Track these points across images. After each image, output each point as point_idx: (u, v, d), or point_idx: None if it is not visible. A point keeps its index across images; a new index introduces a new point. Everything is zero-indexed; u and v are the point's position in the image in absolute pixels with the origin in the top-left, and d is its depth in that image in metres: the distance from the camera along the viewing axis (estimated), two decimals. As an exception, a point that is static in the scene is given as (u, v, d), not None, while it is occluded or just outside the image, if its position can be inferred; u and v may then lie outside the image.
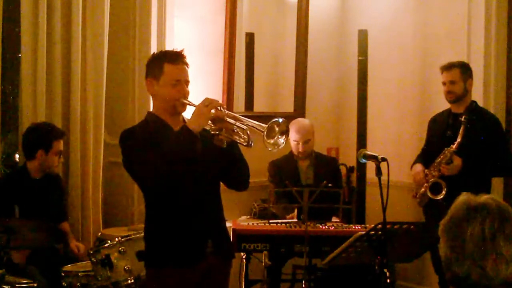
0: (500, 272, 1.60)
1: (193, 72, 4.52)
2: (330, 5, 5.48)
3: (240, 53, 4.86)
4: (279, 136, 2.46)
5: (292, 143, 4.33)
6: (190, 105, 2.63)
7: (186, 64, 2.68)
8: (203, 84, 4.55)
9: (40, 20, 3.77)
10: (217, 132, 2.56)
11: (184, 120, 2.70)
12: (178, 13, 4.37)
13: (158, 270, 2.63)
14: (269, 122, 2.42)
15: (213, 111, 2.49)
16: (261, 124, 2.44)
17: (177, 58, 2.66)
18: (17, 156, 4.14)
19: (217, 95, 4.66)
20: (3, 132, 4.02)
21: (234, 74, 4.75)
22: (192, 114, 2.51)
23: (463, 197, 1.71)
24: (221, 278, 2.77)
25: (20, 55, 3.84)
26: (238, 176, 2.76)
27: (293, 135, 4.31)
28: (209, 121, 2.52)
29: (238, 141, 2.57)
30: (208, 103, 2.49)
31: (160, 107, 2.69)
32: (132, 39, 4.25)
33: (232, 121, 2.52)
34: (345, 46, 5.43)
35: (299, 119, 4.58)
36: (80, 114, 4.02)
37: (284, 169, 4.33)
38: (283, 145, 2.47)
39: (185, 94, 2.65)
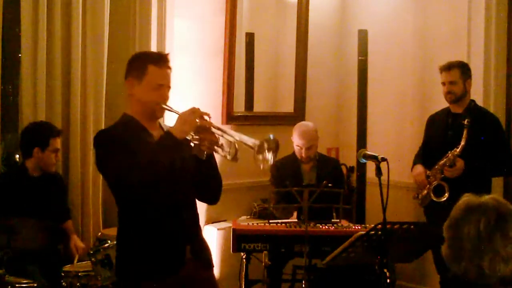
0: (498, 270, 1.61)
1: (193, 72, 4.55)
2: (330, 5, 5.48)
3: (240, 53, 4.86)
4: (267, 152, 2.36)
5: (295, 148, 4.31)
6: (169, 110, 2.56)
7: (170, 68, 2.60)
8: (203, 84, 4.55)
9: (40, 20, 3.77)
10: (198, 142, 2.48)
11: (160, 125, 2.64)
12: (178, 13, 4.37)
13: (134, 282, 2.52)
14: (262, 140, 2.33)
15: (197, 120, 2.41)
16: (254, 140, 2.34)
17: (162, 60, 2.57)
18: (17, 156, 4.14)
19: (217, 95, 4.66)
20: (3, 132, 4.02)
21: (234, 74, 4.75)
22: (177, 121, 2.43)
23: (465, 198, 1.71)
24: (205, 284, 2.67)
25: (20, 55, 3.84)
26: (211, 189, 2.68)
27: (296, 140, 4.28)
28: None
29: (221, 154, 2.48)
30: (194, 111, 2.42)
31: (137, 110, 2.59)
32: (132, 39, 4.25)
33: (218, 132, 2.45)
34: (345, 46, 5.43)
35: (303, 123, 4.49)
36: (80, 114, 4.02)
37: (286, 170, 4.29)
38: (271, 162, 2.37)
39: (166, 99, 2.57)
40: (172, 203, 2.55)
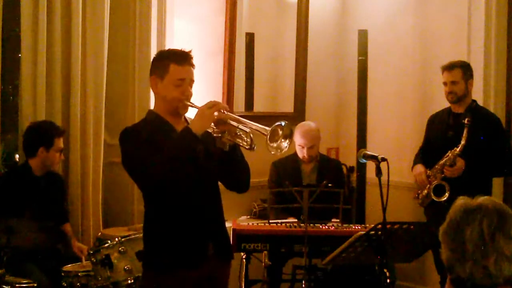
0: (503, 270, 1.61)
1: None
2: (330, 5, 5.48)
3: (240, 53, 4.86)
4: (283, 140, 2.44)
5: (297, 147, 4.31)
6: (192, 107, 2.61)
7: (193, 65, 2.64)
8: (203, 84, 4.54)
9: (40, 20, 3.77)
10: (220, 135, 2.54)
11: (186, 120, 2.68)
12: (178, 13, 4.37)
13: (157, 273, 2.59)
14: (273, 126, 2.40)
15: (216, 113, 2.48)
16: (265, 127, 2.42)
17: (183, 59, 2.62)
18: (17, 156, 4.14)
19: (217, 95, 4.66)
20: (3, 132, 4.02)
21: (234, 74, 4.75)
22: (195, 116, 2.50)
23: (460, 200, 1.72)
24: (221, 281, 2.75)
25: (20, 55, 3.84)
26: (238, 179, 2.73)
27: (297, 139, 4.28)
28: (212, 124, 2.50)
29: (240, 144, 2.54)
30: (211, 105, 2.48)
31: (162, 106, 2.65)
32: (132, 39, 4.25)
33: (235, 123, 2.50)
34: (345, 46, 5.43)
35: (305, 122, 4.52)
36: (80, 114, 4.02)
37: (286, 170, 4.29)
38: (286, 149, 2.45)
39: (188, 96, 2.62)
40: (195, 199, 2.59)
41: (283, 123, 2.43)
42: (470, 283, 1.63)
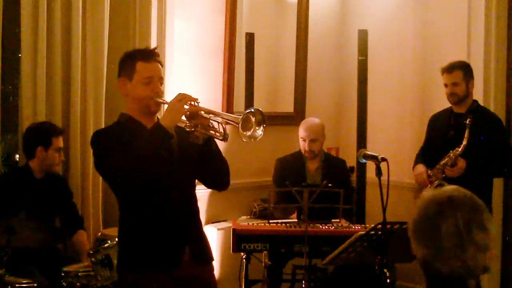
0: (479, 261, 1.61)
1: (193, 72, 4.55)
2: (330, 5, 5.48)
3: (240, 53, 4.86)
4: (257, 128, 2.41)
5: (300, 142, 4.33)
6: (164, 103, 2.57)
7: (160, 62, 2.63)
8: (203, 84, 4.55)
9: (40, 20, 3.77)
10: (193, 129, 2.49)
11: (158, 120, 2.63)
12: (178, 13, 4.37)
13: (132, 275, 2.55)
14: (243, 114, 2.37)
15: (186, 106, 2.44)
16: (236, 116, 2.40)
17: (150, 55, 2.60)
18: (17, 156, 4.13)
19: (217, 95, 4.66)
20: (3, 132, 4.02)
21: (234, 74, 4.75)
22: (165, 110, 2.47)
23: (428, 193, 1.70)
24: (204, 284, 2.68)
25: (20, 55, 3.83)
26: (217, 174, 2.68)
27: (300, 133, 4.32)
28: (184, 118, 2.46)
29: (214, 136, 2.50)
30: (181, 98, 2.44)
31: (133, 108, 2.62)
32: (132, 39, 4.25)
33: (206, 115, 2.46)
34: (345, 46, 5.43)
35: (310, 118, 4.55)
36: (80, 114, 4.02)
37: (290, 168, 4.28)
38: (260, 137, 2.42)
39: (159, 93, 2.58)
40: (171, 201, 2.55)
41: (253, 109, 2.40)
42: (449, 279, 1.63)
